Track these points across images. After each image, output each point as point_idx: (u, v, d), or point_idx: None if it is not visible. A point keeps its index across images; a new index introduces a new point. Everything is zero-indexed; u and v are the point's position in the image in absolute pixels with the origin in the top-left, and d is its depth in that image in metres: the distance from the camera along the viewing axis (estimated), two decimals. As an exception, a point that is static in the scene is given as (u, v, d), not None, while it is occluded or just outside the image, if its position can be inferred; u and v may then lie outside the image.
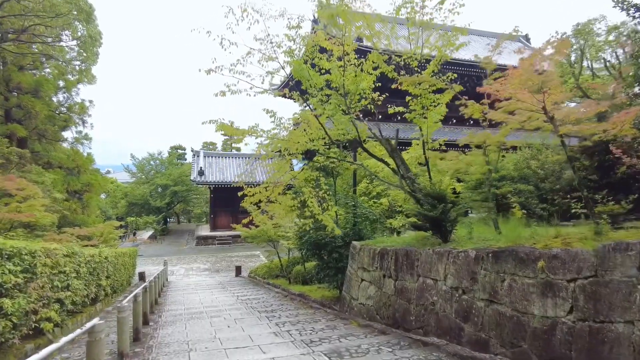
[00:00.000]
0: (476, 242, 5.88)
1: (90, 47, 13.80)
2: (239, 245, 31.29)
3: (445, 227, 6.54)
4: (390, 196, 10.91)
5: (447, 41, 6.44)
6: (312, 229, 9.49)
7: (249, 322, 7.34)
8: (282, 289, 12.90)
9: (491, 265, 4.82)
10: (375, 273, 7.40)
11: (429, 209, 6.45)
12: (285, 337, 5.87)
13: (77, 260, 8.02)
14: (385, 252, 7.11)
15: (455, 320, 5.26)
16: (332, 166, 9.08)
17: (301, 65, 7.81)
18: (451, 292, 5.43)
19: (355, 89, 7.83)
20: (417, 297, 6.14)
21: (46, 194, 10.54)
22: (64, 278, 7.06)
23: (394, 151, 7.88)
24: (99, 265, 9.95)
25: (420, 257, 6.19)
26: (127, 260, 14.79)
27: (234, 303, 10.32)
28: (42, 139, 14.08)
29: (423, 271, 6.08)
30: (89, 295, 9.19)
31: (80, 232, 11.56)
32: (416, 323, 6.07)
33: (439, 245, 6.32)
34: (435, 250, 5.86)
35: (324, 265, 9.77)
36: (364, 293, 7.76)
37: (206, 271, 21.34)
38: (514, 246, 4.65)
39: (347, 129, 7.85)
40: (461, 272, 5.29)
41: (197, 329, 6.97)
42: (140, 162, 43.34)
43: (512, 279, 4.49)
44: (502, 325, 4.52)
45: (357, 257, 8.15)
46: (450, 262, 5.51)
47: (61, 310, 7.08)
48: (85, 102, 15.59)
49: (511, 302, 4.45)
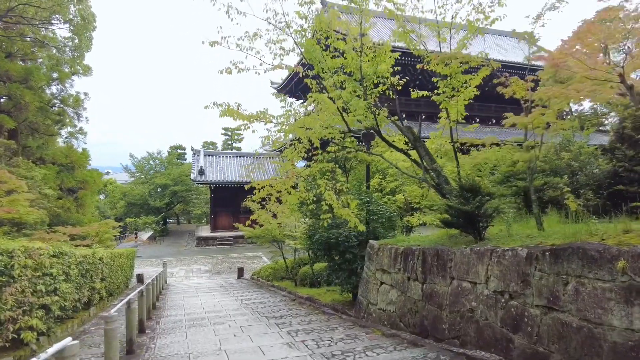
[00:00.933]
0: (518, 240, 5.15)
1: (83, 30, 12.97)
2: (241, 246, 30.56)
3: (479, 224, 5.80)
4: (406, 192, 10.18)
5: (481, 12, 5.68)
6: (324, 227, 8.74)
7: (257, 330, 6.58)
8: (288, 292, 12.15)
9: (549, 265, 4.06)
10: (398, 275, 6.64)
11: (462, 203, 5.70)
12: (301, 350, 5.11)
13: (66, 261, 7.27)
14: (410, 252, 6.35)
15: (502, 330, 4.51)
16: (348, 157, 8.33)
17: (313, 45, 7.08)
18: (495, 297, 4.68)
19: (374, 72, 7.09)
20: (450, 303, 5.39)
21: (35, 190, 9.80)
22: (50, 281, 6.30)
23: (417, 140, 7.13)
24: (92, 267, 9.20)
25: (454, 257, 5.44)
26: (124, 262, 14.03)
27: (238, 307, 9.55)
28: (35, 134, 13.31)
29: (458, 273, 5.33)
30: (81, 300, 8.45)
31: (73, 231, 10.80)
32: (450, 332, 5.31)
33: (471, 243, 5.58)
34: (473, 249, 5.11)
35: (336, 266, 9.02)
36: (384, 297, 7.00)
37: (207, 273, 20.58)
38: (578, 243, 3.90)
39: (363, 116, 7.11)
40: (508, 273, 4.54)
41: (200, 338, 6.21)
42: (139, 162, 42.58)
43: (578, 281, 3.74)
44: (567, 338, 3.77)
45: (375, 258, 7.39)
46: (493, 263, 4.76)
47: (47, 317, 6.33)
48: (80, 95, 14.83)
49: (579, 310, 3.69)
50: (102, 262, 10.18)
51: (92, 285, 9.27)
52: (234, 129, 58.87)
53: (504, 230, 6.13)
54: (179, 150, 52.55)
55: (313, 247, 9.48)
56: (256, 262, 23.41)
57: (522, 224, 6.32)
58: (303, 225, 12.15)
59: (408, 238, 7.37)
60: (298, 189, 8.98)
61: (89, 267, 8.88)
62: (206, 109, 6.19)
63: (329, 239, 8.63)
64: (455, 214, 5.86)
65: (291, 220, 14.48)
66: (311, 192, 7.03)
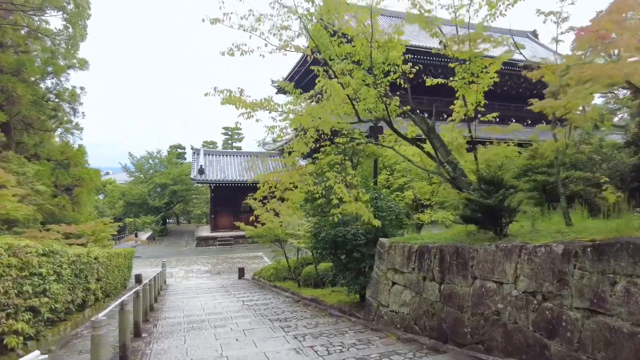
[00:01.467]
0: (547, 236, 4.72)
1: (78, 18, 12.43)
2: (241, 246, 30.12)
3: (501, 219, 5.36)
4: (415, 189, 9.73)
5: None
6: (331, 224, 8.32)
7: (261, 334, 6.13)
8: (291, 293, 11.71)
9: (591, 263, 3.62)
10: (412, 275, 6.20)
11: (484, 196, 5.26)
12: (310, 356, 4.67)
13: (57, 260, 6.83)
14: (425, 250, 5.91)
15: (535, 335, 4.07)
16: (357, 150, 7.88)
17: (320, 31, 6.65)
18: (526, 298, 4.24)
19: (384, 59, 6.66)
20: (473, 305, 4.95)
21: (28, 186, 9.34)
22: (38, 281, 5.86)
23: (431, 131, 6.70)
24: (86, 267, 8.75)
25: (476, 255, 5.00)
26: (121, 262, 13.58)
27: (240, 309, 9.11)
28: (30, 129, 12.83)
29: (481, 272, 4.88)
30: (75, 301, 8.00)
31: (67, 229, 10.34)
32: (473, 337, 4.87)
33: (492, 240, 5.15)
34: (499, 245, 4.67)
35: (342, 266, 8.58)
36: (396, 299, 6.56)
37: (207, 273, 20.14)
38: (626, 238, 3.46)
39: (374, 105, 6.68)
40: (541, 272, 4.09)
41: (199, 343, 5.76)
42: (138, 161, 42.08)
43: (630, 281, 3.29)
44: (617, 345, 3.32)
45: (387, 257, 6.95)
46: (523, 260, 4.32)
47: (36, 320, 5.88)
48: (76, 89, 14.31)
49: (630, 314, 3.25)
50: (97, 261, 9.74)
51: (87, 285, 8.83)
52: (233, 128, 58.48)
53: (525, 226, 5.71)
54: (178, 150, 52.08)
55: (318, 246, 9.03)
56: (257, 262, 22.96)
57: (544, 219, 5.90)
58: (307, 224, 11.72)
59: (421, 235, 6.93)
60: (302, 186, 8.56)
61: (83, 266, 8.44)
62: (206, 97, 5.75)
63: (336, 237, 8.19)
64: (476, 209, 5.42)
65: (294, 219, 14.05)
66: (320, 186, 6.58)
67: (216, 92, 5.64)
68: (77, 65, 14.02)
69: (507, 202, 5.20)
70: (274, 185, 6.20)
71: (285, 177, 6.11)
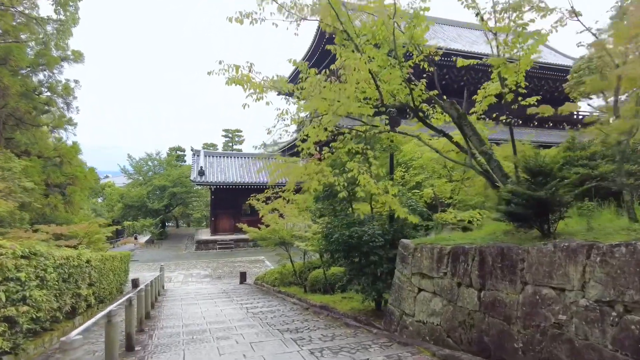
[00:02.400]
0: (613, 234, 3.99)
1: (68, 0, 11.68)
2: (242, 249, 29.35)
3: (550, 215, 4.63)
4: (435, 187, 8.99)
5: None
6: (344, 224, 7.59)
7: (271, 348, 5.36)
8: (298, 299, 10.92)
9: (696, 266, 2.88)
10: (444, 281, 5.44)
11: (532, 189, 4.53)
12: (334, 378, 3.90)
13: (41, 263, 6.08)
14: (461, 251, 5.16)
15: (616, 355, 3.31)
16: (380, 138, 7.14)
17: (337, 4, 5.95)
18: (600, 308, 3.48)
19: (409, 37, 5.95)
20: (524, 315, 4.19)
21: (14, 182, 8.60)
22: (15, 287, 5.11)
23: (462, 118, 5.97)
24: (77, 270, 8.00)
25: (527, 257, 4.24)
26: (117, 265, 12.81)
27: (244, 317, 8.33)
28: (21, 125, 12.07)
29: (535, 277, 4.13)
30: (62, 309, 7.26)
31: (57, 230, 9.59)
32: (526, 354, 4.11)
33: (537, 240, 4.43)
34: (559, 245, 3.92)
35: (357, 271, 7.82)
36: (423, 307, 5.80)
37: (207, 278, 19.35)
38: None
39: (398, 89, 5.96)
40: (621, 277, 3.34)
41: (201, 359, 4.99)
42: (137, 163, 41.34)
43: None
44: None
45: (411, 260, 6.20)
46: (594, 262, 3.57)
47: (12, 332, 5.12)
48: (70, 83, 13.54)
49: None
50: (89, 265, 8.99)
51: (77, 291, 8.08)
52: (234, 130, 57.88)
53: (570, 224, 4.98)
54: (178, 152, 51.43)
55: (330, 249, 8.27)
56: (259, 267, 22.18)
57: (594, 217, 5.17)
58: (315, 225, 10.96)
59: (452, 236, 6.18)
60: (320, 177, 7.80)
61: (72, 270, 7.69)
62: (209, 75, 5.02)
63: (350, 238, 7.44)
64: (522, 203, 4.68)
65: (299, 220, 13.31)
66: (340, 177, 5.84)
67: (221, 71, 4.92)
68: (72, 58, 13.30)
69: (561, 196, 4.47)
70: (284, 175, 5.47)
71: (298, 170, 5.38)
